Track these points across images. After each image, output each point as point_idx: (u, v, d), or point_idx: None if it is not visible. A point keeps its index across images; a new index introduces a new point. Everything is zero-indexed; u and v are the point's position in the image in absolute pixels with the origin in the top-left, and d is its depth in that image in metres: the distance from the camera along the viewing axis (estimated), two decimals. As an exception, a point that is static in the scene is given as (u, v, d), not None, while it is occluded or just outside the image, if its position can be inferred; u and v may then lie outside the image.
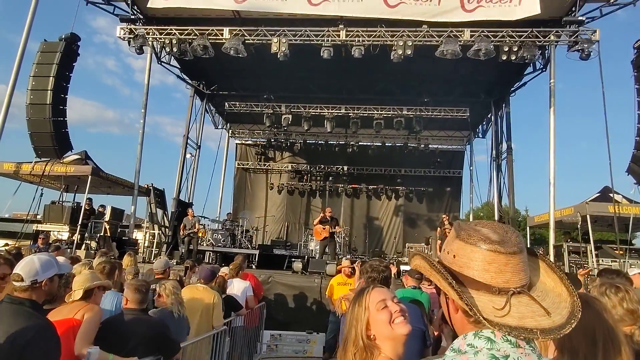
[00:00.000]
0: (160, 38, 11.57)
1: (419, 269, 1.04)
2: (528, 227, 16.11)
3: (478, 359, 0.88)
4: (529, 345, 0.89)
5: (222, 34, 11.21)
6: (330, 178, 18.15)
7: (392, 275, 3.08)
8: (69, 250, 9.83)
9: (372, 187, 17.87)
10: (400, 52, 10.58)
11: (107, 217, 13.11)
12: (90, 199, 12.61)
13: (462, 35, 10.56)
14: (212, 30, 11.23)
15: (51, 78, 11.10)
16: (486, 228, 0.96)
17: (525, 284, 0.92)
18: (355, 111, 14.76)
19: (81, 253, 9.94)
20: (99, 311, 2.86)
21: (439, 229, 10.89)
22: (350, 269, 7.08)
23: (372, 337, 1.36)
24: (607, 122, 10.17)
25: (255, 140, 19.19)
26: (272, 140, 18.14)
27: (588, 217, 11.15)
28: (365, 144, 17.74)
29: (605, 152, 9.80)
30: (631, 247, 11.71)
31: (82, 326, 2.66)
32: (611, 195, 11.15)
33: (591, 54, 10.36)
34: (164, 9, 11.38)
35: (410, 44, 10.53)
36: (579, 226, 11.52)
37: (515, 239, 0.93)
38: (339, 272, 7.47)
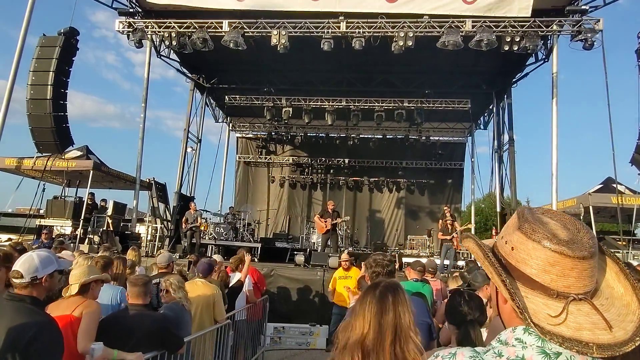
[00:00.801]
0: (159, 31, 11.49)
1: (471, 252, 0.97)
2: (530, 219, 16.08)
3: (526, 352, 0.82)
4: None
5: (221, 27, 11.12)
6: (332, 171, 18.15)
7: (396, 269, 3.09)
8: (72, 245, 9.86)
9: (373, 179, 17.85)
10: (401, 44, 10.48)
11: (109, 212, 13.14)
12: (92, 194, 12.63)
13: (464, 26, 10.45)
14: (212, 23, 11.14)
15: (51, 73, 11.05)
16: (555, 221, 0.87)
17: (590, 290, 0.83)
18: (356, 103, 14.69)
19: (84, 247, 9.98)
20: (98, 307, 2.83)
21: (440, 220, 10.87)
22: (347, 263, 7.16)
23: None
24: (611, 112, 10.13)
25: (255, 133, 19.14)
26: (273, 133, 18.10)
27: (591, 208, 11.15)
28: (366, 136, 17.69)
29: (609, 143, 9.74)
30: (634, 237, 11.71)
31: (83, 323, 2.63)
32: (614, 186, 11.13)
33: (595, 43, 10.25)
34: (164, 4, 11.30)
35: (411, 35, 10.43)
36: (581, 217, 11.51)
37: (588, 240, 0.83)
38: (340, 265, 7.52)
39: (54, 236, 10.08)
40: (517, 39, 10.37)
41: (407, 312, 1.42)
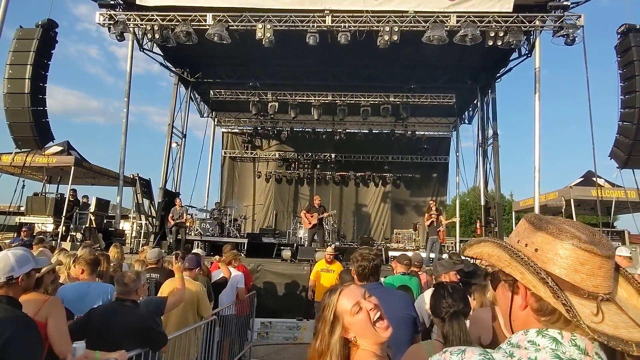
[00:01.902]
0: (141, 24, 11.26)
1: (489, 257, 0.92)
2: (513, 212, 16.41)
3: (539, 355, 0.80)
4: (597, 357, 0.81)
5: (205, 20, 10.96)
6: (318, 166, 18.16)
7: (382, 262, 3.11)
8: (53, 242, 9.67)
9: (359, 174, 17.92)
10: (387, 38, 10.49)
11: (92, 208, 12.92)
12: (74, 190, 12.40)
13: (449, 21, 10.52)
14: (195, 16, 10.97)
15: (29, 66, 10.73)
16: (568, 226, 0.87)
17: (611, 291, 0.84)
18: (342, 98, 14.67)
19: (66, 245, 9.79)
20: (61, 306, 2.58)
21: (426, 214, 10.99)
22: (331, 256, 7.24)
23: (353, 338, 1.34)
24: (591, 107, 10.32)
25: (241, 128, 18.99)
26: (259, 128, 17.98)
27: (572, 201, 11.41)
28: (352, 131, 17.74)
29: (589, 137, 9.98)
30: (613, 229, 12.03)
31: (53, 328, 2.40)
32: (594, 179, 11.39)
33: (576, 39, 10.43)
34: (154, 5, 11.11)
35: (396, 29, 10.45)
36: (563, 210, 11.77)
37: (607, 242, 0.84)
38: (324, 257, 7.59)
39: (34, 234, 9.87)
40: (501, 34, 10.47)
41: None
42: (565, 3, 10.65)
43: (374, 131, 17.88)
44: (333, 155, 17.95)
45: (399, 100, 14.46)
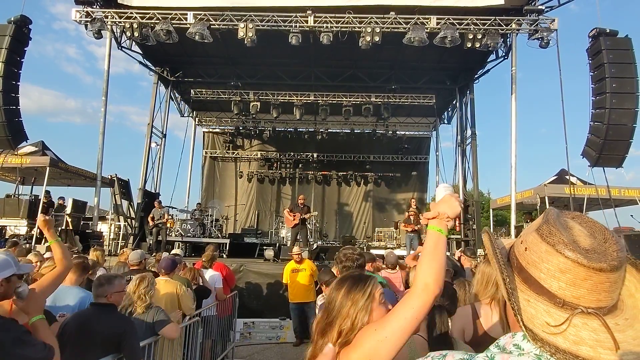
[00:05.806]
0: (119, 22, 11.03)
1: (485, 247, 0.93)
2: (491, 210, 16.80)
3: (521, 359, 0.77)
4: None
5: (186, 19, 10.83)
6: (300, 165, 18.17)
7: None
8: (27, 245, 9.38)
9: (341, 173, 18.03)
10: (369, 39, 10.60)
11: (68, 210, 12.59)
12: (48, 192, 12.05)
13: (429, 23, 10.69)
14: (176, 14, 10.81)
15: (0, 63, 10.37)
16: (582, 227, 0.80)
17: (606, 306, 0.76)
18: (324, 98, 14.73)
19: (41, 248, 9.52)
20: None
21: (406, 213, 11.14)
22: (299, 256, 7.33)
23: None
24: (565, 108, 10.69)
25: (223, 128, 18.83)
26: (241, 128, 17.86)
27: (546, 198, 11.77)
28: (334, 130, 17.82)
29: (562, 137, 10.32)
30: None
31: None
32: (567, 177, 11.77)
33: (550, 42, 10.76)
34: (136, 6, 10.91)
35: (378, 30, 10.56)
36: (538, 207, 12.13)
37: (614, 252, 0.75)
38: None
39: (7, 237, 9.57)
40: (479, 37, 10.71)
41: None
42: (540, 7, 10.97)
43: (355, 131, 18.03)
44: (315, 155, 17.99)
45: (380, 100, 14.60)
